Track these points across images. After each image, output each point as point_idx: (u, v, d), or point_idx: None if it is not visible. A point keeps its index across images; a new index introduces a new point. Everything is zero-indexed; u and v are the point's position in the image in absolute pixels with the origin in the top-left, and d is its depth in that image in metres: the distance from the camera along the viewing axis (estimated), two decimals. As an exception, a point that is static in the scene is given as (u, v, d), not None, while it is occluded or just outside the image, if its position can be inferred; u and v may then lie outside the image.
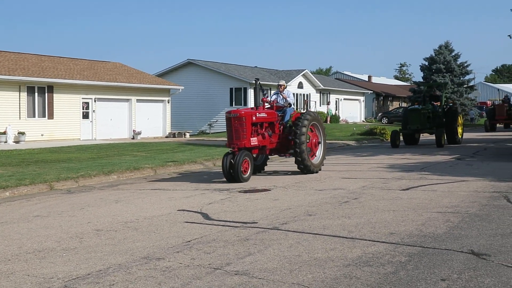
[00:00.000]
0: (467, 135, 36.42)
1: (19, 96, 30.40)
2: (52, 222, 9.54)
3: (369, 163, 18.66)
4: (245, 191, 12.60)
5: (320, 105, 57.55)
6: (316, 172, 15.88)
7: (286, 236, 7.91)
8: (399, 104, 77.21)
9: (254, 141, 14.82)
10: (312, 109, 54.56)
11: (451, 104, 30.34)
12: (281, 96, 16.77)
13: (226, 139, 15.58)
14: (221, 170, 14.75)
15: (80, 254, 7.16)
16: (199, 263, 6.55)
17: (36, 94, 31.28)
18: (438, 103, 28.62)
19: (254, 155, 15.56)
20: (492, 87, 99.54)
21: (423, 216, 9.14)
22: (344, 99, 63.94)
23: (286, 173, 16.45)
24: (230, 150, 14.57)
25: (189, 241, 7.72)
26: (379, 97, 75.12)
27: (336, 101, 62.21)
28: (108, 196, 12.59)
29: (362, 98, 67.98)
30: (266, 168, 17.02)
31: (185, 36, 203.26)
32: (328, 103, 58.78)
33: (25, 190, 13.61)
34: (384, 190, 12.12)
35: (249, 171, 14.41)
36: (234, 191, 12.66)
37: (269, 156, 17.31)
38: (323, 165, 16.65)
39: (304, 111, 16.94)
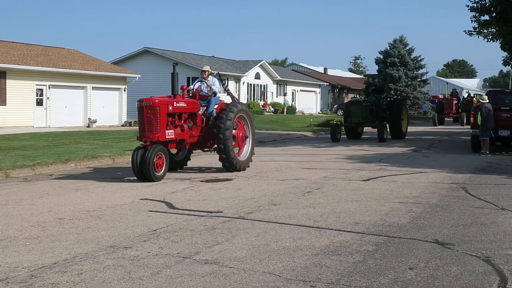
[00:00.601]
0: (420, 129, 37.12)
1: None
2: (11, 210, 9.32)
3: (328, 154, 18.80)
4: (207, 181, 12.55)
5: (277, 96, 57.71)
6: (244, 169, 14.21)
7: (253, 225, 7.91)
8: (354, 96, 78.03)
9: (170, 134, 13.03)
10: (269, 100, 54.76)
11: (396, 96, 29.12)
12: (205, 84, 14.96)
13: None
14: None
15: (44, 243, 7.01)
16: (168, 252, 6.49)
17: (-13, 79, 30.44)
18: (382, 95, 27.47)
19: (178, 150, 14.51)
20: (444, 81, 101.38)
21: (385, 206, 9.26)
22: (301, 90, 64.26)
23: (210, 170, 14.77)
24: (141, 144, 12.76)
25: (155, 230, 7.64)
26: (335, 89, 75.77)
27: (292, 92, 62.49)
28: (67, 184, 12.36)
29: (318, 90, 68.45)
30: (190, 164, 15.28)
31: (142, 24, 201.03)
32: (285, 94, 58.98)
33: (-20, 178, 13.26)
34: (345, 181, 12.23)
35: (163, 168, 12.61)
36: (195, 181, 12.58)
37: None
38: (251, 161, 14.94)
39: (230, 102, 14.86)
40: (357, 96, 79.04)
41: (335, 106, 68.16)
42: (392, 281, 5.46)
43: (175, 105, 13.28)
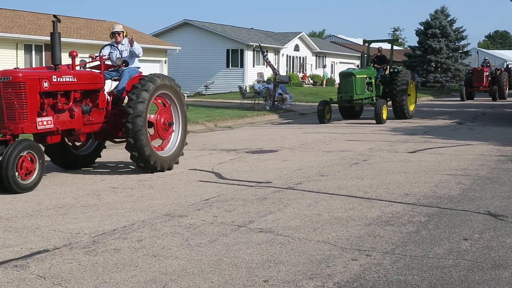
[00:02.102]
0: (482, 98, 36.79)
1: (17, 54, 30.09)
2: (65, 179, 9.58)
3: (371, 126, 18.73)
4: (253, 152, 12.65)
5: (316, 68, 57.34)
6: (169, 168, 10.33)
7: (303, 195, 7.99)
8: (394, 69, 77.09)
9: (45, 122, 9.08)
10: (308, 72, 54.51)
11: (400, 67, 24.85)
12: (117, 51, 11.32)
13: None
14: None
15: (101, 211, 7.22)
16: (222, 221, 6.63)
17: (33, 52, 30.95)
18: (385, 66, 22.86)
19: (84, 142, 10.89)
20: (486, 53, 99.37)
21: (434, 178, 9.23)
22: (340, 62, 63.68)
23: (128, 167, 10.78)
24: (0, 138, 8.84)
25: (207, 199, 7.78)
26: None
27: (331, 64, 62.00)
28: (116, 154, 12.60)
29: (357, 62, 67.79)
30: (105, 158, 11.67)
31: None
32: (324, 66, 58.56)
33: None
34: (391, 153, 12.20)
35: (34, 175, 8.66)
36: (241, 152, 12.69)
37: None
38: (182, 155, 11.01)
39: (147, 75, 10.66)
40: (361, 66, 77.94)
41: (375, 78, 67.40)
42: (447, 251, 5.49)
43: (54, 80, 9.39)
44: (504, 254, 5.41)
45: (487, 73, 39.29)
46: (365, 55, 22.75)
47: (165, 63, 39.45)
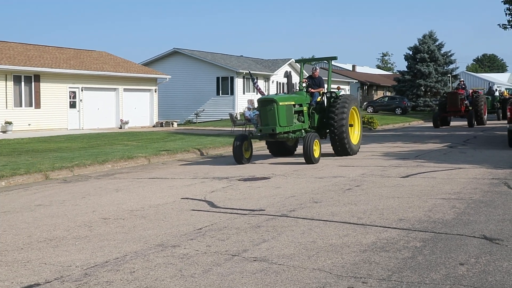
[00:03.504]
0: (460, 123, 36.36)
1: (6, 85, 30.04)
2: (56, 211, 9.47)
3: (362, 152, 18.71)
4: (245, 179, 12.59)
5: (305, 94, 57.56)
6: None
7: (297, 223, 7.93)
8: (384, 93, 77.59)
9: None
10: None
11: (339, 91, 20.21)
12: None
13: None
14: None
15: (93, 242, 7.12)
16: (216, 250, 6.54)
17: (22, 83, 30.93)
18: (321, 90, 18.13)
19: None
20: (475, 76, 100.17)
21: (428, 202, 9.20)
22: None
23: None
24: None
25: (200, 229, 7.70)
26: (364, 86, 75.36)
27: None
28: (107, 185, 12.52)
29: (347, 88, 68.09)
30: None
31: (170, 25, 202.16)
32: (313, 92, 58.78)
33: (21, 180, 13.50)
34: (384, 178, 12.18)
35: None
36: (233, 179, 12.64)
37: None
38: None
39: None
40: (386, 92, 78.46)
41: (365, 103, 67.77)
42: (444, 277, 5.43)
43: None
44: (501, 279, 5.35)
45: (463, 96, 35.85)
46: (287, 78, 17.68)
47: (155, 91, 39.53)
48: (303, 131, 16.71)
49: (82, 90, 34.14)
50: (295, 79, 58.59)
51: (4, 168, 14.36)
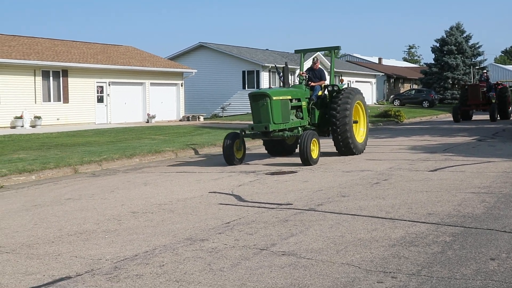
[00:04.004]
0: (483, 116, 35.77)
1: (35, 80, 30.44)
2: (85, 204, 9.58)
3: (390, 145, 18.61)
4: (272, 173, 12.60)
5: (332, 88, 57.33)
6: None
7: (325, 217, 7.91)
8: (410, 86, 76.96)
9: None
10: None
11: (343, 84, 17.74)
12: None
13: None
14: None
15: (122, 236, 7.19)
16: (244, 244, 6.56)
17: (51, 78, 31.30)
18: (322, 83, 16.65)
19: None
20: (503, 68, 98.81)
21: (457, 196, 9.11)
22: (356, 81, 63.63)
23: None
24: None
25: (228, 223, 7.73)
26: (390, 79, 74.82)
27: (347, 83, 61.89)
28: (135, 179, 12.62)
29: (373, 81, 67.71)
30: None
31: (196, 19, 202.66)
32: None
33: (51, 174, 13.67)
34: (412, 171, 12.09)
35: None
36: (260, 173, 12.66)
37: None
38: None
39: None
40: (413, 85, 77.66)
41: (392, 96, 67.33)
42: (475, 272, 5.38)
43: None
44: (534, 274, 5.28)
45: (485, 89, 34.04)
46: (283, 70, 16.22)
47: (182, 86, 39.69)
48: (299, 128, 14.97)
49: (109, 85, 34.44)
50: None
51: (34, 162, 14.56)
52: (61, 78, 31.72)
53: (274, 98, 14.26)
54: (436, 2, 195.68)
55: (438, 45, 64.28)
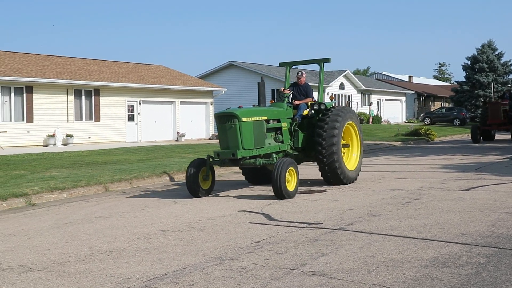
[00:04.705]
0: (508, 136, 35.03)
1: (67, 99, 30.89)
2: (116, 223, 9.63)
3: (420, 164, 18.42)
4: (302, 192, 12.53)
5: (361, 106, 57.18)
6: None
7: (355, 236, 7.83)
8: (441, 104, 76.31)
9: None
10: (354, 109, 54.26)
11: (331, 102, 14.86)
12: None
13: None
14: None
15: (152, 254, 7.20)
16: (274, 264, 6.52)
17: (83, 97, 31.75)
18: (308, 100, 14.40)
19: None
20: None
21: (491, 216, 8.95)
22: (386, 99, 63.40)
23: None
24: None
25: (258, 242, 7.69)
26: (421, 97, 74.31)
27: (377, 101, 61.73)
28: (165, 197, 12.66)
29: (403, 99, 67.33)
30: None
31: (226, 38, 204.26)
32: (370, 104, 58.37)
33: (82, 192, 13.80)
34: (444, 191, 11.92)
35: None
36: (290, 192, 12.58)
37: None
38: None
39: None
40: (444, 103, 77.00)
41: (422, 114, 66.80)
42: (510, 295, 5.26)
43: None
44: None
45: (507, 107, 31.12)
46: (258, 86, 14.21)
47: (211, 104, 39.89)
48: (274, 156, 12.52)
49: (140, 103, 34.78)
50: (349, 90, 58.34)
51: (66, 180, 14.71)
52: (93, 97, 32.15)
53: (244, 119, 12.07)
54: (467, 19, 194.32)
55: (469, 62, 63.75)
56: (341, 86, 53.77)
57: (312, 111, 14.10)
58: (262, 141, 12.62)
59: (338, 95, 52.60)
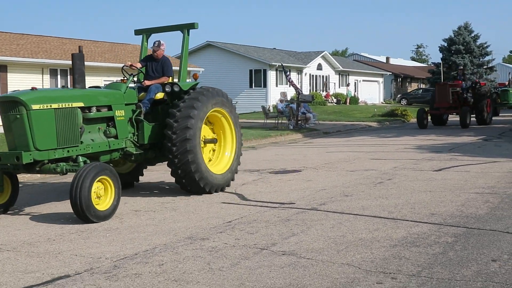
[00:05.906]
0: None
1: (42, 78, 30.48)
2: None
3: (395, 144, 18.54)
4: (276, 172, 12.57)
5: (339, 87, 57.25)
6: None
7: (327, 216, 7.89)
8: (418, 86, 76.72)
9: None
10: (331, 91, 54.37)
11: (195, 81, 11.49)
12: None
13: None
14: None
15: (123, 234, 7.19)
16: (244, 243, 6.55)
17: (58, 76, 31.34)
18: (164, 80, 10.91)
19: None
20: (511, 67, 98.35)
21: (461, 197, 9.07)
22: (363, 80, 63.53)
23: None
24: None
25: (229, 222, 7.71)
26: (398, 78, 74.62)
27: (355, 82, 61.83)
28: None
29: (381, 80, 67.53)
30: None
31: (203, 18, 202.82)
32: (347, 85, 58.45)
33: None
34: (416, 171, 12.03)
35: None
36: (264, 172, 12.63)
37: None
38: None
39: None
40: (420, 85, 77.54)
41: (399, 95, 67.16)
42: (475, 273, 5.34)
43: None
44: (535, 276, 5.24)
45: (457, 88, 28.34)
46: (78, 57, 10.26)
47: (189, 84, 39.62)
48: (80, 159, 8.72)
49: (116, 83, 34.45)
50: (326, 71, 58.26)
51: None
52: (68, 76, 31.73)
53: (35, 107, 8.28)
54: (444, 1, 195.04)
55: (446, 44, 63.99)
56: (319, 67, 53.72)
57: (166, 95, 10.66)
58: (74, 137, 8.78)
59: (316, 76, 52.60)
